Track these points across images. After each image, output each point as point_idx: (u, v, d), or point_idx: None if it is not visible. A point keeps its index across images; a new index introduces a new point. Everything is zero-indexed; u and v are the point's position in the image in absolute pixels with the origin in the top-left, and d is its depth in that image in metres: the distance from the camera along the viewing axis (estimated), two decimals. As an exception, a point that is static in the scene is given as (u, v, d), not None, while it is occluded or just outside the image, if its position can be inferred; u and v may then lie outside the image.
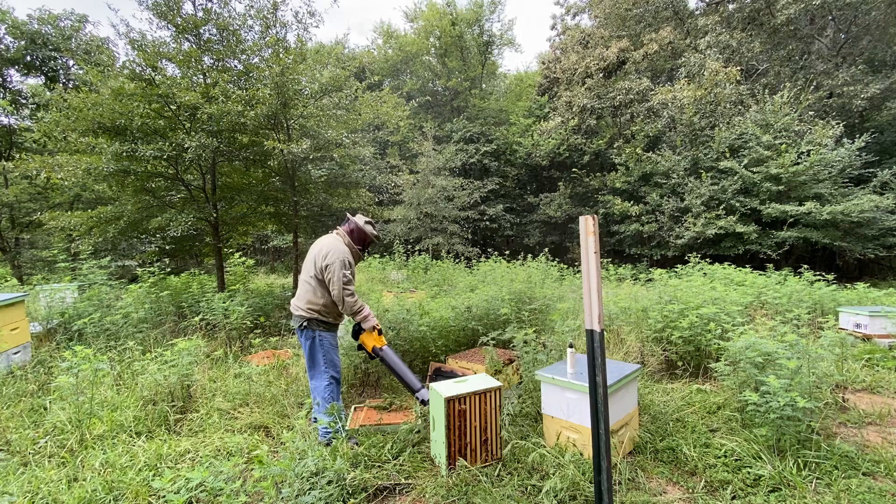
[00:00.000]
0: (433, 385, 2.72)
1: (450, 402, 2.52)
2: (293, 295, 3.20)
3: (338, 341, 3.21)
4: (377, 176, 13.51)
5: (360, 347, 3.25)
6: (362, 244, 3.24)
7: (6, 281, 9.36)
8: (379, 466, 2.63)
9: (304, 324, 3.02)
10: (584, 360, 2.97)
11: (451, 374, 3.16)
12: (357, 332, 3.18)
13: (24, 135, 12.64)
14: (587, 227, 1.76)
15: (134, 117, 5.99)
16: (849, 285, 8.01)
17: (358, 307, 3.03)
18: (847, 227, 11.42)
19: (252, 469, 2.60)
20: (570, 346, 2.85)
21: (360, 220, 3.26)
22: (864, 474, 2.49)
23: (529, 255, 8.98)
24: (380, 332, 3.17)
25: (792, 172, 11.54)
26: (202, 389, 3.72)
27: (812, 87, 13.73)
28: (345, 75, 7.40)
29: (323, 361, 3.02)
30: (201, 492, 2.25)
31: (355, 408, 3.45)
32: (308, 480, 2.31)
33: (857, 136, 11.96)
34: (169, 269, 8.34)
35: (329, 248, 3.02)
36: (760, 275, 7.78)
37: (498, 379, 3.46)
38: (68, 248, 8.99)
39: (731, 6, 15.87)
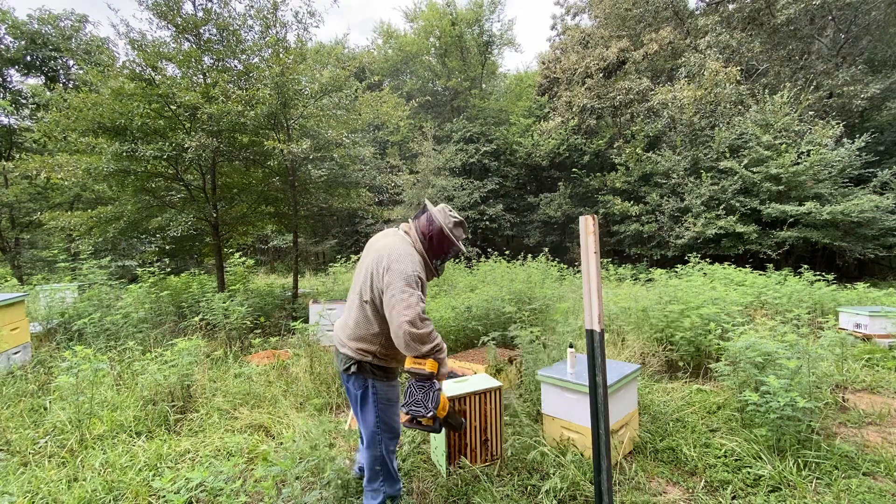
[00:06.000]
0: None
1: (450, 402, 2.52)
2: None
3: (398, 393, 2.13)
4: (377, 176, 13.52)
5: (443, 425, 2.01)
6: (443, 252, 2.08)
7: (6, 281, 9.36)
8: (379, 466, 2.62)
9: (353, 368, 2.00)
10: (584, 360, 2.97)
11: (451, 374, 3.16)
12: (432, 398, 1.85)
13: (24, 135, 12.65)
14: (587, 227, 1.76)
15: (134, 117, 6.00)
16: (849, 285, 8.02)
17: (438, 345, 1.86)
18: (847, 227, 11.42)
19: (252, 469, 2.60)
20: (571, 346, 2.85)
21: (441, 215, 2.07)
22: (864, 474, 2.49)
23: (529, 255, 8.97)
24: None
25: (792, 172, 11.54)
26: (202, 389, 3.72)
27: (812, 87, 13.73)
28: (345, 75, 7.40)
29: (374, 422, 2.00)
30: (201, 492, 2.25)
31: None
32: (308, 481, 2.31)
33: (857, 136, 11.96)
34: (169, 269, 8.34)
35: (393, 253, 1.92)
36: (760, 275, 7.79)
37: (498, 379, 3.46)
38: (68, 248, 8.99)
39: (731, 6, 15.86)
